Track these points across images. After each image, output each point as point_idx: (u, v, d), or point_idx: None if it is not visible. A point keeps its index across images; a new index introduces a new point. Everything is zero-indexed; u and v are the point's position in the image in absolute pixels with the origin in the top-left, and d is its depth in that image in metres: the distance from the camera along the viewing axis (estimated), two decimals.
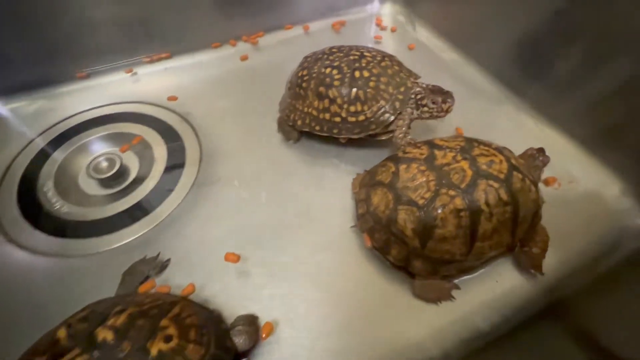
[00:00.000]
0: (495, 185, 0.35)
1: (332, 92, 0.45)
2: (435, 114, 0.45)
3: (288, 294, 0.39)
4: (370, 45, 0.70)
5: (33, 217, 0.45)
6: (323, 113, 0.46)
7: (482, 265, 0.40)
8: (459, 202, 0.35)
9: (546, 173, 0.49)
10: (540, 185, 0.48)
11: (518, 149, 0.43)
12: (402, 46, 0.70)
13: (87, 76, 0.61)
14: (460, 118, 0.55)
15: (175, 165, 0.51)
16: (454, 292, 0.39)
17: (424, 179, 0.36)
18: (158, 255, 0.41)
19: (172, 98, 0.59)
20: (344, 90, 0.45)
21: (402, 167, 0.38)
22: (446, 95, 0.44)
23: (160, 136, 0.54)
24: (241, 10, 0.67)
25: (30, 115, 0.57)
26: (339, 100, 0.45)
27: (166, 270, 0.41)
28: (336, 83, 0.45)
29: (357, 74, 0.45)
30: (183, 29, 0.65)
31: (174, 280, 0.40)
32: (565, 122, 0.53)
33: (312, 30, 0.73)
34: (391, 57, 0.48)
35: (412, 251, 0.37)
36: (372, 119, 0.45)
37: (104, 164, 0.49)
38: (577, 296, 0.39)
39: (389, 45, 0.71)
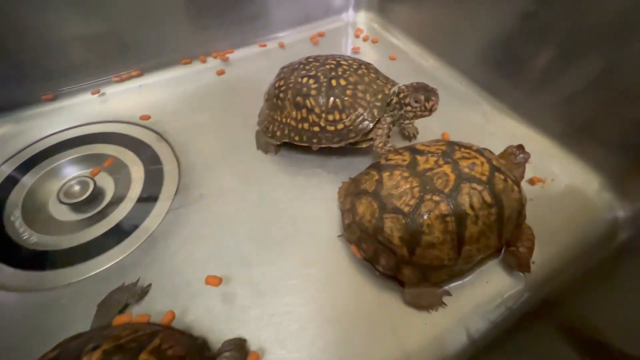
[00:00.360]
0: (479, 187, 0.35)
1: (309, 102, 0.45)
2: (419, 113, 0.44)
3: (277, 312, 0.38)
4: (348, 54, 0.71)
5: None
6: (302, 123, 0.46)
7: (472, 269, 0.40)
8: (444, 208, 0.34)
9: (527, 171, 0.50)
10: (524, 184, 0.48)
11: (498, 149, 0.44)
12: (380, 54, 0.70)
13: (56, 97, 0.59)
14: (440, 121, 0.56)
15: (153, 184, 0.49)
16: (445, 298, 0.38)
17: (408, 186, 0.36)
18: (137, 280, 0.39)
19: (145, 117, 0.57)
20: (322, 99, 0.44)
21: (385, 174, 0.38)
22: (430, 92, 0.43)
23: (136, 155, 0.52)
24: (217, 24, 0.66)
25: None
26: (317, 110, 0.45)
27: (147, 296, 0.38)
28: (313, 92, 0.44)
29: (333, 82, 0.44)
30: (155, 46, 0.63)
31: (156, 307, 0.38)
32: (541, 120, 0.54)
33: (289, 42, 0.73)
34: (368, 65, 0.48)
35: (401, 259, 0.36)
36: (351, 127, 0.45)
37: (76, 188, 0.47)
38: (568, 291, 0.39)
39: (367, 53, 0.71)
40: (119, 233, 0.44)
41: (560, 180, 0.49)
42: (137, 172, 0.50)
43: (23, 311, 0.37)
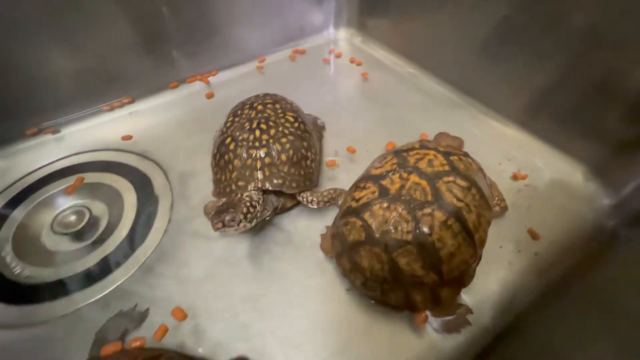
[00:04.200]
0: (451, 178, 0.36)
1: (214, 146, 0.48)
2: None
3: (279, 327, 0.37)
4: (331, 67, 0.73)
5: None
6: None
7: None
8: (440, 215, 0.33)
9: (512, 167, 0.51)
10: (511, 181, 0.50)
11: (481, 149, 0.45)
12: (359, 69, 0.73)
13: (44, 130, 0.59)
14: (424, 126, 0.57)
15: (147, 209, 0.48)
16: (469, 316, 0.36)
17: (395, 214, 0.34)
18: (135, 306, 0.39)
19: (127, 137, 0.58)
20: (215, 153, 0.46)
21: (366, 215, 0.36)
22: (216, 215, 0.37)
23: (128, 182, 0.52)
24: (203, 49, 0.68)
25: None
26: (213, 159, 0.47)
27: (145, 321, 0.38)
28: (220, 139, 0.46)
29: (228, 140, 0.45)
30: (142, 75, 0.64)
31: (154, 332, 0.37)
32: (521, 117, 0.56)
33: (273, 62, 0.75)
34: (273, 147, 0.43)
35: (435, 285, 0.34)
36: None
37: (72, 218, 0.47)
38: (568, 281, 0.40)
39: (350, 69, 0.73)
40: (115, 260, 0.43)
41: (546, 175, 0.50)
42: (130, 198, 0.50)
43: (19, 347, 0.36)
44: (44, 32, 0.53)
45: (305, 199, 0.44)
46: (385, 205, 0.35)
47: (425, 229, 0.33)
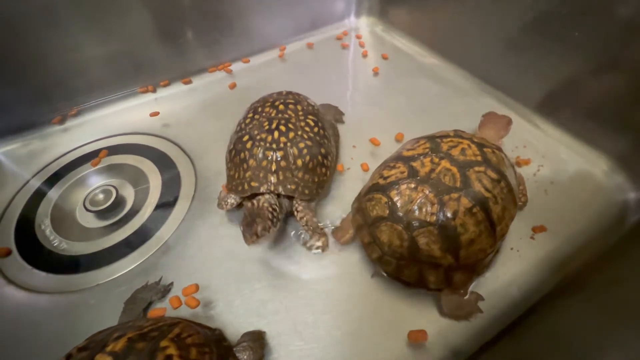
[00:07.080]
0: (482, 169, 0.36)
1: (230, 142, 0.47)
2: None
3: (294, 305, 0.39)
4: (351, 56, 0.73)
5: (32, 257, 0.45)
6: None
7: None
8: (466, 202, 0.34)
9: (533, 158, 0.50)
10: (531, 172, 0.49)
11: (505, 139, 0.45)
12: (379, 55, 0.72)
13: (73, 115, 0.62)
14: (447, 116, 0.57)
15: (171, 189, 0.51)
16: (479, 303, 0.37)
17: (422, 195, 0.35)
18: (160, 280, 0.41)
19: (155, 113, 0.61)
20: (231, 149, 0.46)
21: (393, 193, 0.36)
22: (247, 228, 0.37)
23: (153, 163, 0.55)
24: (225, 36, 0.69)
25: (24, 157, 0.57)
26: (228, 154, 0.46)
27: (169, 294, 0.40)
28: (243, 136, 0.44)
29: (245, 138, 0.44)
30: (168, 61, 0.66)
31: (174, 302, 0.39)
32: (544, 108, 0.54)
33: (294, 50, 0.75)
34: (290, 151, 0.42)
35: (449, 268, 0.35)
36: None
37: (100, 196, 0.50)
38: (584, 274, 0.39)
39: (369, 53, 0.73)
40: (141, 236, 0.46)
41: (569, 166, 0.49)
42: (155, 179, 0.53)
43: (57, 311, 0.40)
44: (75, 18, 0.55)
45: (296, 208, 0.42)
46: (412, 185, 0.36)
47: (449, 213, 0.34)
